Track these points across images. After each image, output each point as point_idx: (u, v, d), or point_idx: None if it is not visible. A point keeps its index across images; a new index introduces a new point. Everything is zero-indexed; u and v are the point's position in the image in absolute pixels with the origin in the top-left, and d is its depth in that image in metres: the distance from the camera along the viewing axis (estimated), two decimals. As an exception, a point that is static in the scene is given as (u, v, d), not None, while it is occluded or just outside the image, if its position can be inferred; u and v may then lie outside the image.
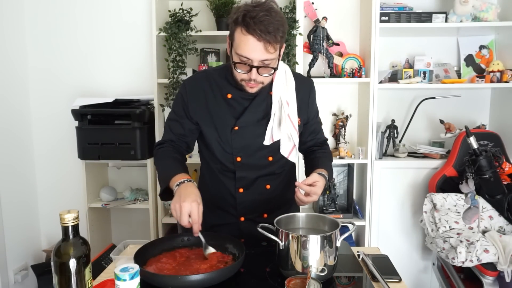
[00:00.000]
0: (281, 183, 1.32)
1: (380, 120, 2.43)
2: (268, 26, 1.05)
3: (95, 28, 2.50)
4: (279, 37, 1.08)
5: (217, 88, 1.24)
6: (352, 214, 2.34)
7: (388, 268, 1.09)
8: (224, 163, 1.26)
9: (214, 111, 1.23)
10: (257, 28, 1.04)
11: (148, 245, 1.09)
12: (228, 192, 1.28)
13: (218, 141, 1.24)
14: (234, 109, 1.23)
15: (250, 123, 1.23)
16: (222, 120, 1.23)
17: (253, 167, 1.26)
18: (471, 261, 1.73)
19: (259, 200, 1.28)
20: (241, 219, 1.29)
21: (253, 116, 1.23)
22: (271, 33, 1.05)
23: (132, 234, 2.57)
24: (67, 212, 0.78)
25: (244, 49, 1.07)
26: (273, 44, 1.07)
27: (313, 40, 2.28)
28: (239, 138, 1.23)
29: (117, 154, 2.22)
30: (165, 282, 0.92)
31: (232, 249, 1.11)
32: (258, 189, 1.28)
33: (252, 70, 1.10)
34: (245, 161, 1.25)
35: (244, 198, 1.28)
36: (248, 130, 1.23)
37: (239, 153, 1.24)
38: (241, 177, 1.26)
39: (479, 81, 2.25)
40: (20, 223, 2.45)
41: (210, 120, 1.24)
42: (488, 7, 2.17)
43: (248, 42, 1.06)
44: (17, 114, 2.44)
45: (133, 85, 2.52)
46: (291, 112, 1.24)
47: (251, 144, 1.24)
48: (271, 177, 1.29)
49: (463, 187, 2.02)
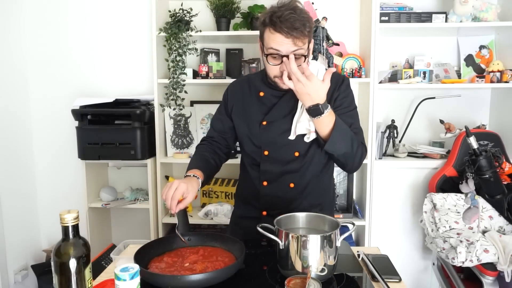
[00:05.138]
0: (307, 186, 1.32)
1: (380, 120, 2.43)
2: (294, 23, 1.11)
3: (95, 28, 2.50)
4: (306, 32, 1.14)
5: (254, 88, 1.35)
6: (352, 214, 2.34)
7: (388, 268, 1.09)
8: (254, 157, 1.33)
9: (248, 108, 1.34)
10: (283, 26, 1.11)
11: (149, 245, 1.10)
12: (253, 185, 1.34)
13: (248, 136, 1.33)
14: (265, 105, 1.31)
15: (277, 118, 1.28)
16: (253, 116, 1.32)
17: (279, 161, 1.30)
18: (471, 261, 1.73)
19: (282, 197, 1.31)
20: (263, 213, 1.32)
21: (280, 112, 1.28)
22: (297, 29, 1.12)
23: (132, 234, 2.57)
24: (67, 212, 0.79)
25: (274, 44, 1.15)
26: (301, 39, 1.14)
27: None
28: (267, 132, 1.29)
29: (117, 154, 2.22)
30: (165, 282, 0.92)
31: (232, 249, 1.11)
32: (282, 185, 1.31)
33: (284, 60, 1.14)
34: (272, 155, 1.30)
35: (267, 192, 1.32)
36: (275, 124, 1.28)
37: (267, 147, 1.30)
38: (265, 170, 1.31)
39: (479, 81, 2.25)
40: (20, 223, 2.45)
41: (244, 116, 1.34)
42: (488, 7, 2.17)
43: (276, 39, 1.14)
44: (17, 114, 2.44)
45: (133, 85, 2.52)
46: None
47: (278, 138, 1.28)
48: (295, 174, 1.30)
49: (463, 187, 2.02)
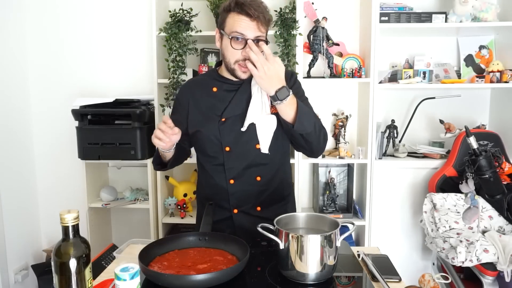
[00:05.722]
0: (273, 178, 1.34)
1: (380, 120, 2.43)
2: (258, 7, 1.19)
3: (95, 28, 2.50)
4: (267, 19, 1.21)
5: (205, 86, 1.34)
6: (352, 214, 2.34)
7: (388, 268, 1.09)
8: (215, 156, 1.31)
9: (203, 108, 1.32)
10: (250, 8, 1.17)
11: (153, 244, 1.10)
12: (220, 185, 1.32)
13: (208, 135, 1.30)
14: (220, 101, 1.30)
15: (235, 113, 1.28)
16: (210, 114, 1.30)
17: (242, 157, 1.29)
18: (471, 261, 1.74)
19: (250, 192, 1.32)
20: (234, 211, 1.32)
21: (237, 106, 1.28)
22: (261, 13, 1.19)
23: (132, 234, 2.57)
24: (67, 212, 0.79)
25: (239, 28, 1.19)
26: (264, 25, 1.21)
27: (313, 40, 2.28)
28: (227, 129, 1.28)
29: (117, 154, 2.22)
30: (169, 282, 0.92)
31: (234, 250, 1.11)
32: (249, 180, 1.31)
33: (248, 44, 1.17)
34: (234, 150, 1.29)
35: (235, 189, 1.31)
36: (234, 120, 1.28)
37: (228, 143, 1.28)
38: (230, 168, 1.30)
39: (479, 81, 2.25)
40: (20, 223, 2.45)
41: (200, 116, 1.31)
42: (488, 7, 2.17)
43: (241, 22, 1.19)
44: (17, 114, 2.44)
45: (133, 85, 2.52)
46: (264, 99, 1.26)
47: (238, 133, 1.27)
48: (260, 168, 1.31)
49: (463, 187, 2.02)
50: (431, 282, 1.01)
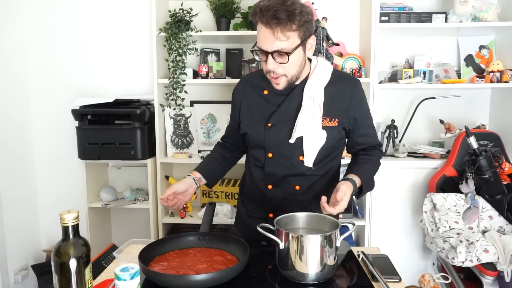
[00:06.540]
0: (313, 187, 1.29)
1: (380, 120, 2.43)
2: (277, 13, 1.06)
3: (95, 28, 2.50)
4: (293, 24, 1.08)
5: (257, 87, 1.30)
6: (352, 214, 2.34)
7: (388, 268, 1.09)
8: (258, 157, 1.30)
9: (253, 108, 1.30)
10: (264, 15, 1.08)
11: (153, 244, 1.10)
12: (258, 187, 1.32)
13: (253, 136, 1.28)
14: (270, 105, 1.26)
15: (283, 120, 1.24)
16: (258, 116, 1.28)
17: (283, 166, 1.26)
18: (471, 261, 1.74)
19: (289, 200, 1.29)
20: (270, 215, 1.30)
21: (286, 113, 1.24)
22: (280, 19, 1.06)
23: (132, 234, 2.57)
24: (67, 212, 0.79)
25: (258, 39, 1.13)
26: (283, 31, 1.08)
27: (313, 40, 2.28)
28: (271, 134, 1.25)
29: (117, 154, 2.22)
30: (169, 282, 0.92)
31: (235, 249, 1.11)
32: (287, 188, 1.28)
33: (268, 59, 1.12)
34: (276, 157, 1.26)
35: (272, 195, 1.30)
36: (280, 126, 1.24)
37: (271, 149, 1.26)
38: (269, 174, 1.28)
39: (479, 81, 2.25)
40: (20, 223, 2.45)
41: (250, 116, 1.30)
42: (488, 7, 2.17)
43: (260, 32, 1.11)
44: (17, 114, 2.44)
45: (133, 85, 2.52)
46: (316, 110, 1.21)
47: (283, 141, 1.24)
48: (300, 177, 1.27)
49: (463, 187, 2.02)
50: (431, 282, 1.01)
